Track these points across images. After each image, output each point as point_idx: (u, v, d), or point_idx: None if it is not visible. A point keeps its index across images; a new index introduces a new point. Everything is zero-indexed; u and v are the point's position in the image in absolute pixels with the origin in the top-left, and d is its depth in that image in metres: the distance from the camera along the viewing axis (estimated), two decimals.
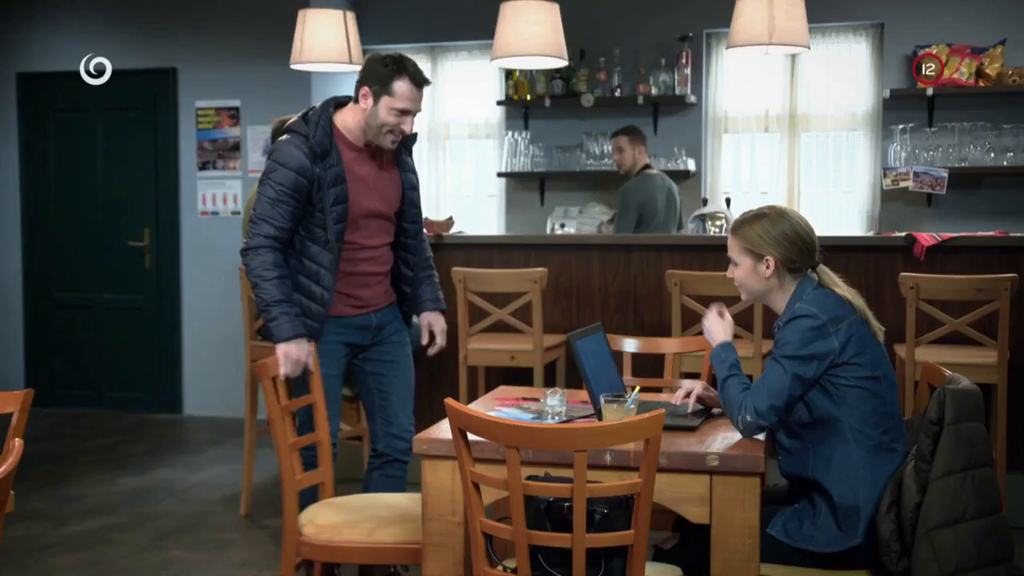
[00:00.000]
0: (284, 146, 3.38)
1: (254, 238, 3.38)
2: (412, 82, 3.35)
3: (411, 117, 3.40)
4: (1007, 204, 6.39)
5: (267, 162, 3.42)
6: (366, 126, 3.41)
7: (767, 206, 2.92)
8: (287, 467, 3.10)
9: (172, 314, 7.34)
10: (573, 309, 5.25)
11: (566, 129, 7.09)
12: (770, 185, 6.91)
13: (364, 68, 3.42)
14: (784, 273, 2.81)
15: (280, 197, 3.35)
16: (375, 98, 3.35)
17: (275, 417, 3.11)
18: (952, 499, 2.43)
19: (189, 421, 7.14)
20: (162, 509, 5.07)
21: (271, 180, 3.36)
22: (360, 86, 3.39)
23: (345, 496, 3.34)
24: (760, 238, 2.81)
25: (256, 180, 4.88)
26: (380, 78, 3.34)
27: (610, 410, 2.67)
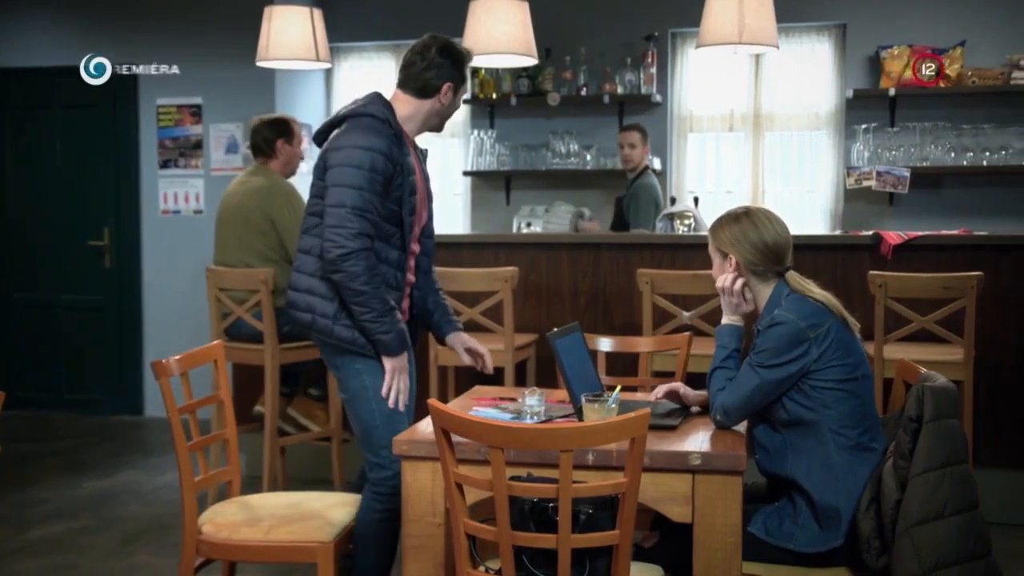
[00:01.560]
0: (362, 130, 3.10)
1: (355, 239, 3.02)
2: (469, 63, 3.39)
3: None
4: (967, 203, 6.48)
5: (339, 151, 3.08)
6: (434, 117, 3.33)
7: (746, 209, 2.92)
8: (186, 467, 3.08)
9: (133, 315, 7.24)
10: (543, 308, 5.24)
11: (532, 128, 7.09)
12: (735, 184, 6.95)
13: (440, 63, 3.24)
14: (748, 275, 2.84)
15: (373, 187, 3.05)
16: (455, 92, 3.31)
17: (174, 419, 3.08)
18: (932, 496, 2.45)
19: (151, 423, 7.04)
20: (128, 512, 5.00)
21: (358, 167, 3.03)
22: (440, 82, 3.25)
23: (250, 495, 3.35)
24: (728, 238, 2.87)
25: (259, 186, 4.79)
26: (457, 73, 3.29)
27: (591, 409, 2.66)
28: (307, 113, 7.15)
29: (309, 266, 3.18)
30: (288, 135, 4.94)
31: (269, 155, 4.91)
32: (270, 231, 4.77)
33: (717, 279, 2.92)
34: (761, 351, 2.72)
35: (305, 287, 3.18)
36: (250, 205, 4.79)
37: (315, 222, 3.17)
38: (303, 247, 3.22)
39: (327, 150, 3.16)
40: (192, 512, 3.06)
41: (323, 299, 3.14)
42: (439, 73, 3.25)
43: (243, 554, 3.06)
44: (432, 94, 3.27)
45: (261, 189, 4.80)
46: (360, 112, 3.17)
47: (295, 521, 3.06)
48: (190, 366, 3.25)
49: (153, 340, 7.20)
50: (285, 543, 3.00)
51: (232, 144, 6.96)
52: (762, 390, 2.70)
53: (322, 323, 3.15)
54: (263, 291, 4.62)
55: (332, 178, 3.07)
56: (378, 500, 3.14)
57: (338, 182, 3.05)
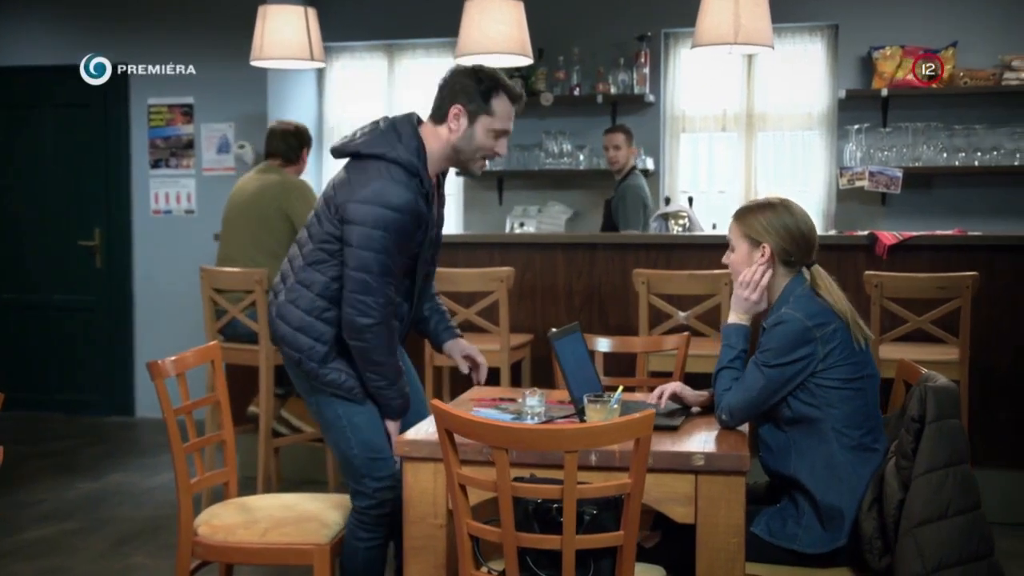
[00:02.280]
0: (390, 184, 2.81)
1: (379, 310, 2.85)
2: (511, 98, 2.93)
3: (507, 138, 2.99)
4: (959, 203, 6.50)
5: (363, 207, 2.82)
6: (453, 151, 2.94)
7: (775, 197, 2.91)
8: (182, 469, 3.06)
9: (124, 315, 7.20)
10: (538, 309, 5.23)
11: (525, 128, 7.05)
12: (728, 184, 6.96)
13: (451, 84, 2.93)
14: (778, 265, 2.81)
15: (399, 248, 2.85)
16: (470, 118, 2.89)
17: (170, 420, 3.05)
18: (935, 496, 2.45)
19: (143, 424, 7.01)
20: (121, 514, 4.97)
21: (384, 230, 2.80)
22: (449, 104, 2.91)
23: (248, 496, 3.33)
24: (761, 225, 2.81)
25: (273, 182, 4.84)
26: (475, 96, 2.89)
27: (594, 410, 2.66)
28: (299, 112, 7.12)
29: (305, 303, 2.96)
30: (310, 145, 5.14)
31: (291, 161, 5.03)
32: (283, 227, 4.80)
33: (741, 271, 2.83)
34: (766, 350, 2.72)
35: (297, 325, 2.96)
36: (263, 201, 4.83)
37: (322, 257, 2.93)
38: (303, 280, 2.97)
39: (348, 201, 2.85)
40: (188, 514, 3.05)
41: (315, 341, 2.94)
42: (448, 96, 2.92)
43: (239, 556, 3.04)
44: (442, 119, 2.93)
45: (275, 185, 4.89)
46: (391, 158, 2.85)
47: (291, 523, 3.04)
48: (186, 367, 3.23)
49: (145, 341, 7.17)
50: (281, 545, 2.99)
51: (224, 144, 6.93)
52: (768, 390, 2.69)
53: (309, 366, 2.96)
54: (258, 291, 4.60)
55: (355, 238, 2.83)
56: (363, 528, 3.00)
57: (362, 244, 2.82)
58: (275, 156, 5.01)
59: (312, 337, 2.95)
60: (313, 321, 2.95)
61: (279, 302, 3.03)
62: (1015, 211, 6.41)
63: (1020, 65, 6.28)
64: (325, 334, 2.94)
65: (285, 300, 3.01)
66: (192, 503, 3.08)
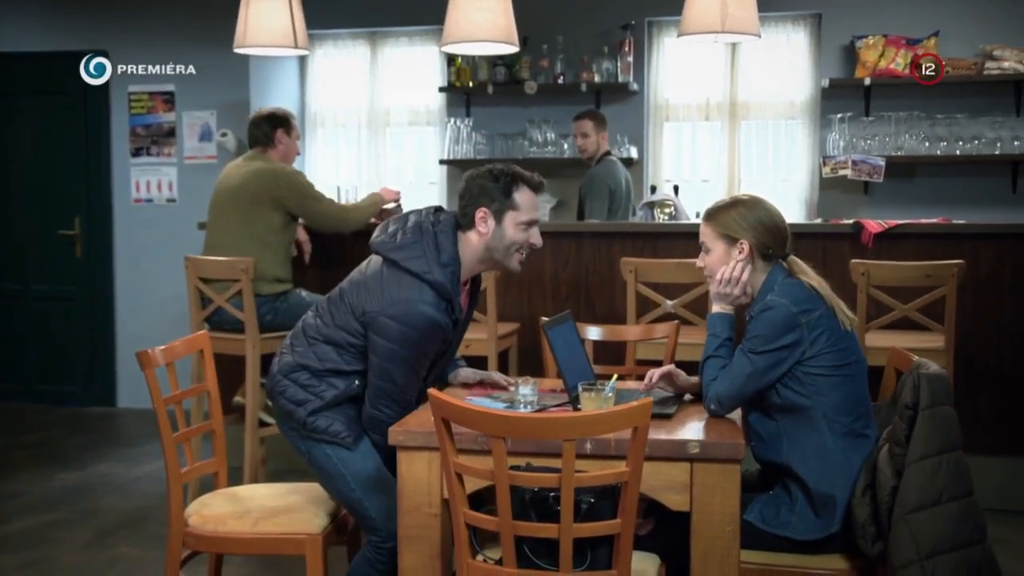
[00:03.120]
0: (421, 305, 2.84)
1: (397, 410, 2.89)
2: (532, 188, 2.97)
3: (536, 227, 3.01)
4: (941, 192, 6.54)
5: (391, 324, 2.84)
6: (486, 252, 2.96)
7: (741, 194, 2.95)
8: (172, 459, 3.04)
9: (105, 304, 7.14)
10: (524, 297, 5.23)
11: (509, 116, 7.06)
12: (711, 173, 6.96)
13: (471, 189, 2.94)
14: (757, 259, 2.82)
15: (421, 360, 2.91)
16: (497, 217, 2.92)
17: (159, 410, 3.04)
18: (928, 482, 2.47)
19: (125, 414, 6.96)
20: (105, 505, 4.94)
21: (414, 346, 2.85)
22: (474, 209, 2.93)
23: (237, 486, 3.32)
24: (736, 222, 2.83)
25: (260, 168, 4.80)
26: (497, 194, 2.92)
27: (588, 398, 2.66)
28: (281, 100, 7.07)
29: (317, 369, 2.99)
30: (287, 127, 5.05)
31: (268, 145, 4.95)
32: (273, 214, 4.78)
33: (718, 270, 2.85)
34: (753, 337, 2.72)
35: (304, 383, 3.00)
36: (254, 188, 4.80)
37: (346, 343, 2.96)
38: (319, 353, 2.98)
39: (377, 313, 2.86)
40: (178, 504, 3.03)
41: (315, 398, 2.97)
42: (470, 202, 2.94)
43: (230, 546, 3.04)
44: (470, 225, 2.95)
45: (264, 172, 4.85)
46: (428, 280, 2.87)
47: (283, 513, 3.03)
48: (175, 356, 3.21)
49: (126, 330, 7.12)
50: (273, 535, 2.98)
51: (206, 132, 6.88)
52: (755, 377, 2.70)
53: (299, 414, 2.98)
54: (244, 280, 4.58)
55: (380, 351, 2.86)
56: (379, 560, 2.92)
57: (386, 358, 2.86)
58: (254, 143, 5.00)
59: (314, 394, 2.99)
60: (316, 382, 2.99)
61: (286, 362, 3.04)
62: (996, 200, 6.46)
63: (1001, 55, 6.31)
64: (326, 392, 2.98)
65: (295, 362, 3.02)
66: (183, 493, 3.06)
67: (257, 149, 4.98)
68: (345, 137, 7.48)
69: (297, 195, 4.79)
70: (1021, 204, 6.44)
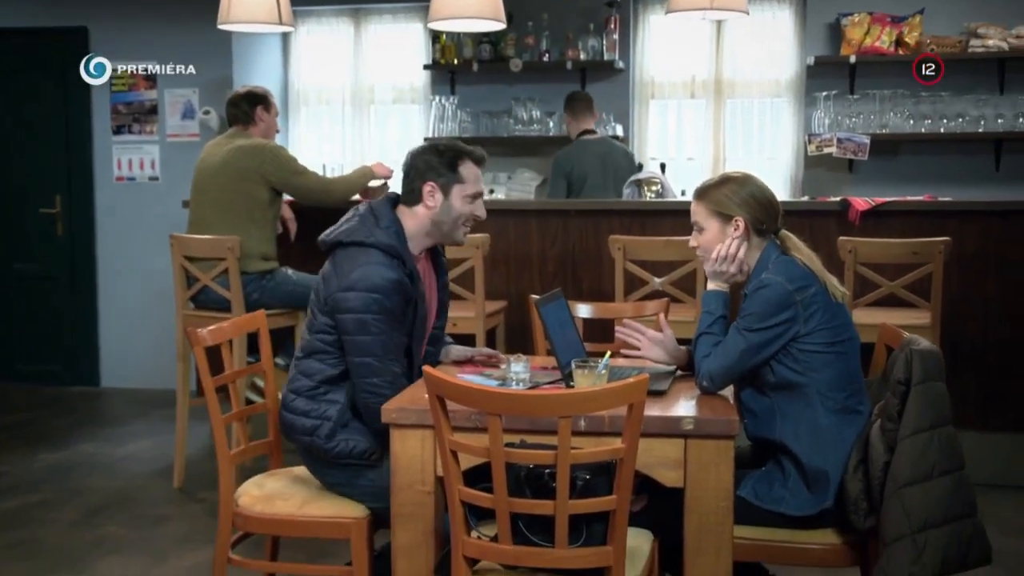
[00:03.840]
0: (372, 267, 2.86)
1: (387, 387, 2.85)
2: (475, 162, 3.04)
3: (481, 199, 3.08)
4: (925, 170, 6.55)
5: (348, 295, 2.85)
6: (433, 226, 3.02)
7: (731, 171, 2.95)
8: (221, 439, 3.03)
9: (87, 284, 7.08)
10: (511, 275, 5.22)
11: (494, 94, 7.03)
12: (696, 151, 6.96)
13: (416, 165, 3.02)
14: (752, 236, 2.82)
15: (392, 324, 2.88)
16: (444, 191, 2.99)
17: (208, 390, 3.02)
18: (921, 457, 2.48)
19: (108, 394, 6.92)
20: (90, 484, 4.91)
21: (375, 313, 2.84)
22: (420, 184, 2.99)
23: (292, 467, 3.28)
24: (728, 199, 2.82)
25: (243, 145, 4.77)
26: (442, 168, 2.99)
27: (582, 375, 2.65)
28: (264, 78, 7.01)
29: (306, 390, 2.98)
30: (266, 104, 5.02)
31: (248, 123, 4.91)
32: (259, 190, 4.75)
33: (713, 248, 2.83)
34: (748, 315, 2.73)
35: (302, 411, 2.97)
36: (238, 164, 4.77)
37: (320, 347, 2.95)
38: (304, 370, 2.99)
39: (335, 290, 2.89)
40: (228, 485, 3.01)
41: (320, 420, 2.94)
42: (416, 176, 3.02)
43: (277, 528, 3.00)
44: (417, 200, 3.01)
45: (247, 148, 4.82)
46: (370, 243, 2.91)
47: (328, 496, 2.99)
48: (224, 337, 3.18)
49: (109, 310, 7.07)
50: (318, 518, 2.93)
51: (188, 109, 6.82)
52: (749, 353, 2.71)
53: (318, 444, 2.94)
54: (230, 258, 4.55)
55: (349, 326, 2.86)
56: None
57: (357, 331, 2.85)
58: (234, 121, 4.98)
59: (316, 417, 2.96)
60: (315, 404, 2.97)
61: (285, 395, 3.05)
62: (980, 177, 6.48)
63: (986, 33, 6.32)
64: (328, 410, 2.95)
65: (289, 391, 3.02)
66: (232, 473, 3.02)
67: (237, 127, 4.94)
68: (329, 115, 7.43)
69: (281, 169, 4.76)
70: (1004, 182, 6.47)
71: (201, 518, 4.43)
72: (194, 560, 3.96)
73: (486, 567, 2.46)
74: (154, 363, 6.77)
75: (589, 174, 5.98)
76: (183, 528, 4.31)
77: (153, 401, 6.52)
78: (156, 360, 6.74)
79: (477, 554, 2.40)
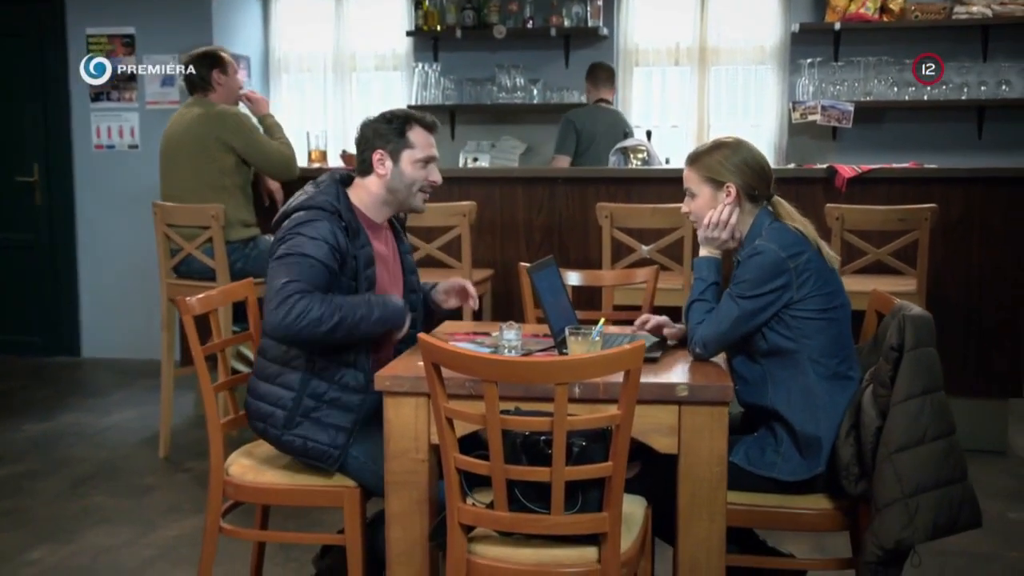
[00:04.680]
0: (309, 222, 2.84)
1: (299, 300, 2.72)
2: (424, 127, 3.02)
3: (435, 164, 3.05)
4: (908, 137, 6.57)
5: (283, 242, 2.83)
6: (389, 194, 3.01)
7: (724, 136, 2.93)
8: (211, 408, 3.00)
9: (67, 253, 7.00)
10: (497, 244, 5.20)
11: (477, 61, 6.98)
12: (680, 118, 6.95)
13: (365, 134, 3.01)
14: (744, 202, 2.82)
15: (311, 264, 2.79)
16: (394, 158, 2.97)
17: (198, 358, 3.00)
18: (913, 423, 2.50)
19: (89, 364, 6.87)
20: (75, 455, 4.89)
21: (302, 254, 2.78)
22: (370, 153, 2.98)
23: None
24: (721, 165, 2.81)
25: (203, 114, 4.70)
26: (391, 135, 2.98)
27: (576, 343, 2.65)
28: (245, 44, 6.95)
29: (261, 370, 2.95)
30: (222, 66, 4.89)
31: (207, 89, 4.82)
32: (224, 157, 4.69)
33: (705, 214, 2.83)
34: (741, 281, 2.72)
35: (260, 394, 2.93)
36: (199, 132, 4.69)
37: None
38: (260, 349, 2.98)
39: (273, 243, 2.90)
40: (218, 454, 2.97)
41: (273, 407, 2.89)
42: (366, 147, 3.00)
43: (269, 497, 2.98)
44: (369, 170, 3.00)
45: (207, 116, 4.73)
46: (309, 204, 2.90)
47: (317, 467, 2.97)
48: (213, 305, 3.15)
49: (89, 279, 7.00)
50: (311, 487, 2.90)
51: (168, 76, 6.72)
52: (742, 320, 2.71)
53: (272, 434, 2.90)
54: (214, 226, 4.51)
55: (271, 274, 2.80)
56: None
57: (273, 268, 2.80)
58: (192, 88, 4.87)
59: (270, 403, 2.90)
60: (270, 388, 2.91)
61: (250, 380, 3.01)
62: (962, 145, 6.50)
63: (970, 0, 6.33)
64: (283, 398, 2.89)
65: (253, 375, 2.99)
66: (222, 442, 2.98)
67: (197, 95, 4.85)
68: (311, 82, 7.36)
69: (242, 136, 4.69)
70: (987, 149, 6.49)
71: (188, 488, 4.42)
72: (182, 529, 3.95)
73: (481, 534, 2.46)
74: (136, 333, 6.73)
75: (598, 136, 6.00)
76: (170, 498, 4.30)
77: (135, 371, 6.49)
78: (138, 330, 6.70)
79: (473, 521, 2.40)
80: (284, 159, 4.82)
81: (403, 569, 2.67)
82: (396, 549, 2.67)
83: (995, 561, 3.63)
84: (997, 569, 3.59)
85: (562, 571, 2.37)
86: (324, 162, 5.53)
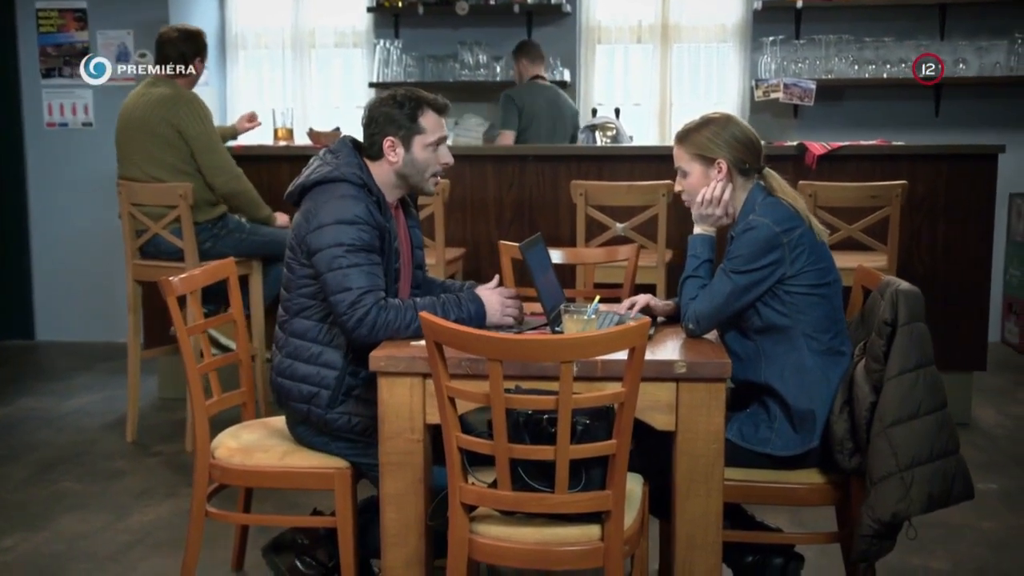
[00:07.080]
0: (338, 200, 2.79)
1: (363, 292, 2.71)
2: (436, 111, 2.94)
3: (445, 145, 2.99)
4: (867, 115, 6.65)
5: (320, 232, 2.77)
6: (400, 179, 2.94)
7: (712, 112, 2.93)
8: (197, 390, 2.97)
9: (19, 234, 6.82)
10: (468, 222, 5.17)
11: (439, 38, 6.92)
12: (643, 96, 6.95)
13: (375, 118, 2.91)
14: (736, 176, 2.82)
15: (369, 257, 2.78)
16: (405, 145, 2.90)
17: (183, 340, 2.96)
18: (906, 397, 2.52)
19: (45, 347, 6.72)
20: (39, 439, 4.78)
21: (349, 244, 2.74)
22: (380, 139, 2.90)
23: (266, 418, 3.23)
24: (710, 141, 2.81)
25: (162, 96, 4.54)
26: (403, 121, 2.89)
27: (571, 321, 2.63)
28: (200, 19, 6.79)
29: (303, 353, 2.88)
30: (204, 54, 4.80)
31: (182, 73, 4.69)
32: (178, 142, 4.55)
33: (698, 192, 2.83)
34: (735, 257, 2.73)
35: (300, 376, 2.87)
36: (155, 117, 4.55)
37: (304, 304, 2.87)
38: (295, 331, 2.89)
39: (307, 233, 2.80)
40: (204, 437, 2.95)
41: (318, 387, 2.85)
42: (377, 131, 2.91)
43: (257, 480, 2.95)
44: (379, 154, 2.92)
45: (165, 99, 4.57)
46: (334, 177, 2.83)
47: (306, 448, 2.94)
48: (196, 286, 3.08)
49: (43, 261, 6.84)
50: (301, 469, 2.88)
51: (123, 52, 6.57)
52: (736, 295, 2.71)
53: (316, 414, 2.86)
54: (182, 206, 4.42)
55: (323, 263, 2.76)
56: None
57: (332, 266, 2.75)
58: (164, 62, 4.70)
59: (314, 384, 2.86)
60: (314, 369, 2.87)
61: (278, 361, 2.93)
62: (919, 123, 6.59)
63: None
64: (327, 378, 2.85)
65: (284, 356, 2.91)
66: (207, 425, 2.95)
67: (165, 75, 4.69)
68: (269, 60, 7.23)
69: (198, 122, 4.53)
70: (943, 127, 6.59)
71: (158, 471, 4.34)
72: (156, 514, 3.89)
73: (482, 513, 2.45)
74: (93, 315, 6.61)
75: (538, 115, 5.97)
76: (141, 482, 4.23)
77: (93, 354, 6.36)
78: (95, 312, 6.58)
79: (476, 500, 2.39)
80: (231, 165, 4.61)
81: (397, 551, 2.65)
82: (391, 530, 2.64)
83: (969, 531, 3.70)
84: (971, 538, 3.66)
85: (565, 549, 2.37)
86: (291, 140, 5.45)
